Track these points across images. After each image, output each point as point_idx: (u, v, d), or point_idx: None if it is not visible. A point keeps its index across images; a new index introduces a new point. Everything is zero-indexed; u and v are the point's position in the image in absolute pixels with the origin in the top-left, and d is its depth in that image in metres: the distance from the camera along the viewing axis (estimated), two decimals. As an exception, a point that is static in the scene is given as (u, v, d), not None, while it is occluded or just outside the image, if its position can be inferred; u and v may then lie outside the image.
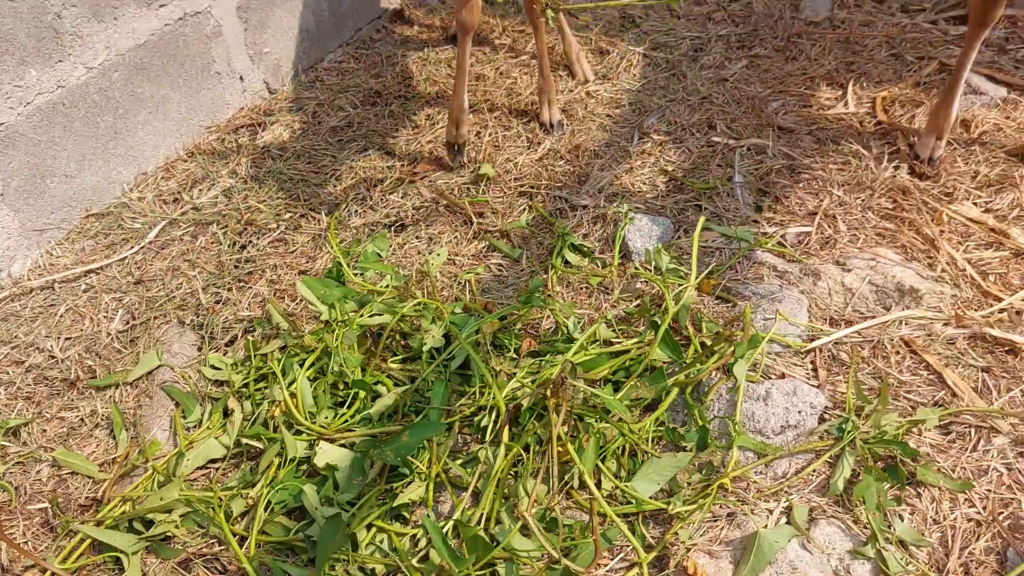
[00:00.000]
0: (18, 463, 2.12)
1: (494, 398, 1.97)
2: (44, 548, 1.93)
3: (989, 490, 1.92)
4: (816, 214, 2.65)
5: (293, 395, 2.07)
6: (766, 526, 1.84)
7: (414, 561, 1.77)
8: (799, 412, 2.00)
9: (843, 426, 2.01)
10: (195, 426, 2.15)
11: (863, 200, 2.69)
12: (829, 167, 2.84)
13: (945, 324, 2.29)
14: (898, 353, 2.23)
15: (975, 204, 2.65)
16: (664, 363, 2.13)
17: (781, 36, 3.62)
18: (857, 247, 2.52)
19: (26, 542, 1.94)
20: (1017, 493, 1.91)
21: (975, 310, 2.31)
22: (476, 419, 1.99)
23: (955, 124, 2.90)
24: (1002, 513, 1.87)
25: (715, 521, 1.89)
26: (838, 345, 2.27)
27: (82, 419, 2.23)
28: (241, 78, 3.39)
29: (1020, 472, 1.95)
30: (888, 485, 1.91)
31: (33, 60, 2.58)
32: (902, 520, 1.86)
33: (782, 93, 3.26)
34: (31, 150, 2.64)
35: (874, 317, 2.32)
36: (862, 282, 2.40)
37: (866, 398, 2.06)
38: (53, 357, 2.40)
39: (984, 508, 1.89)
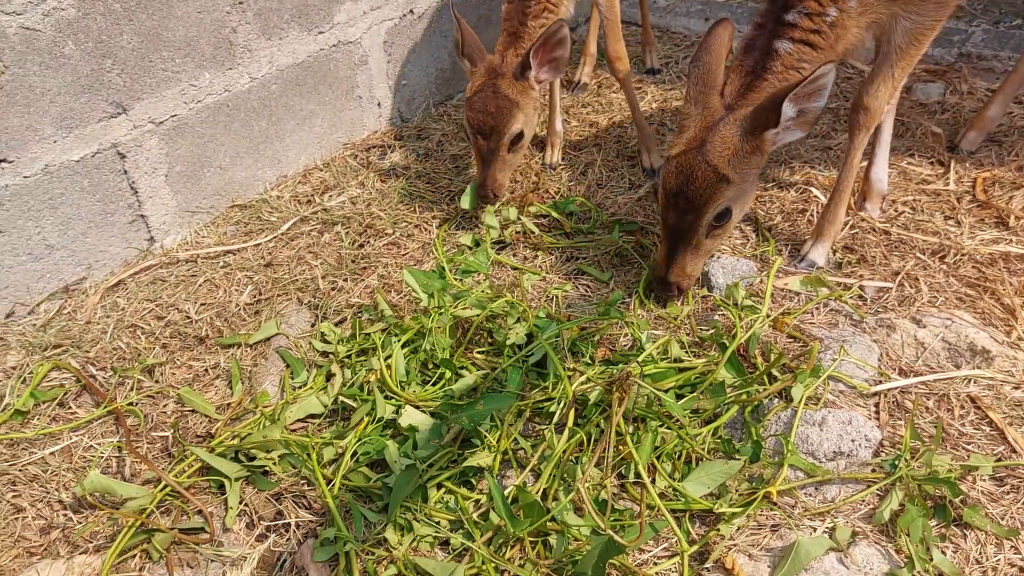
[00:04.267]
0: (149, 396, 2.44)
1: (564, 390, 2.16)
2: (161, 469, 2.22)
3: (1037, 541, 1.96)
4: (899, 274, 2.75)
5: (388, 366, 2.32)
6: (807, 539, 1.94)
7: (475, 516, 1.96)
8: (852, 441, 2.10)
9: (896, 462, 2.09)
10: (301, 386, 2.42)
11: (948, 267, 2.77)
12: (918, 235, 2.93)
13: (1015, 387, 2.34)
14: (963, 407, 2.30)
15: (1064, 282, 2.69)
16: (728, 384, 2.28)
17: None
18: (935, 307, 2.60)
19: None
20: (1066, 548, 1.94)
21: (1048, 378, 2.35)
22: (545, 406, 2.18)
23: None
24: (1047, 564, 1.91)
25: (759, 529, 2.01)
26: (903, 394, 2.35)
27: (206, 369, 2.54)
28: (379, 104, 3.78)
29: (1071, 528, 1.98)
30: (934, 522, 1.98)
31: (208, 65, 3.01)
32: (944, 555, 1.92)
33: (882, 164, 3.37)
34: (195, 142, 3.06)
35: (943, 372, 2.39)
36: (935, 339, 2.48)
37: (922, 440, 2.14)
38: (189, 317, 2.75)
39: (1029, 557, 1.93)
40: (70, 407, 2.42)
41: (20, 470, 2.22)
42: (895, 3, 2.47)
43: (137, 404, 2.41)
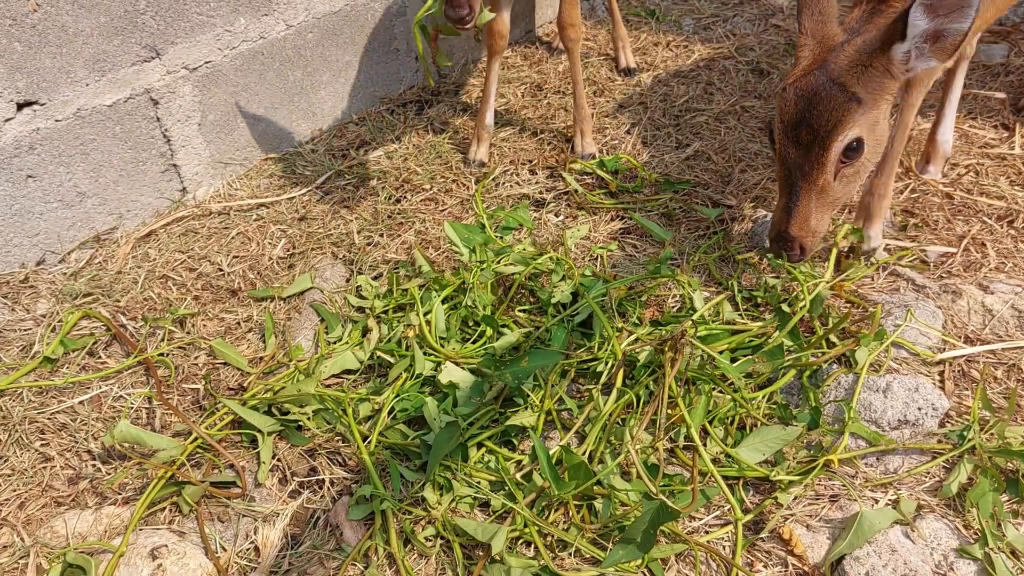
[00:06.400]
0: (180, 347, 2.37)
1: (612, 349, 2.05)
2: (192, 421, 2.15)
3: (1118, 520, 1.83)
4: (964, 238, 2.60)
5: (428, 321, 2.22)
6: (869, 510, 1.83)
7: (517, 476, 1.87)
8: (919, 409, 1.98)
9: (964, 433, 1.96)
10: (336, 341, 2.34)
11: (1016, 232, 2.62)
12: (983, 199, 2.77)
13: (1091, 358, 2.20)
14: (1034, 378, 2.16)
15: None
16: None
17: (950, 74, 3.56)
18: (1003, 273, 2.46)
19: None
20: None
21: None
22: (591, 366, 2.08)
23: None
24: None
25: (817, 499, 1.90)
26: (970, 362, 2.22)
27: (239, 322, 2.47)
28: (416, 58, 3.66)
29: None
30: (1006, 497, 1.86)
31: (244, 10, 2.90)
32: (1018, 531, 1.80)
33: (943, 126, 3.20)
34: (229, 90, 2.96)
35: (1013, 340, 2.26)
36: (1004, 305, 2.33)
37: (993, 410, 2.01)
38: (221, 270, 2.67)
39: (1110, 536, 1.80)
40: (100, 356, 2.36)
41: (49, 418, 2.17)
42: None
43: (168, 355, 2.34)
